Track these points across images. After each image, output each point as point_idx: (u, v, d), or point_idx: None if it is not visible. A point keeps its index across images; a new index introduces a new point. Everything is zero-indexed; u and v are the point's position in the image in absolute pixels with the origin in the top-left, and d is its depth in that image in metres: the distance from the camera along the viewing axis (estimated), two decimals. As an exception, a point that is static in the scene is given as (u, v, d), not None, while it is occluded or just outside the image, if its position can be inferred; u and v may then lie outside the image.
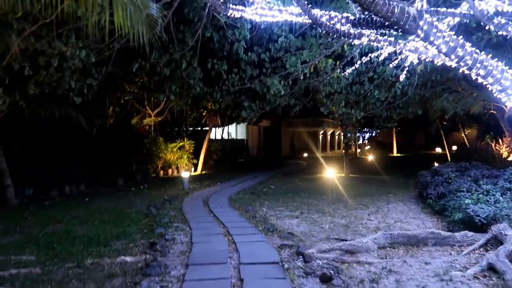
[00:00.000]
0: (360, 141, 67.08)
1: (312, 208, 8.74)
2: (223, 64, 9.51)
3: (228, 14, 4.77)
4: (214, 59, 9.50)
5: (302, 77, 9.71)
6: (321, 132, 39.43)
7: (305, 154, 30.15)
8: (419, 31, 3.00)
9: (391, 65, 9.17)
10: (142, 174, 15.72)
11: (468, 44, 3.12)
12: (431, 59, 4.16)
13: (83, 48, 6.81)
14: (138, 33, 4.55)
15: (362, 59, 8.73)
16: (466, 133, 53.86)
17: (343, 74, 9.61)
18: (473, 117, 18.85)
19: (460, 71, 3.43)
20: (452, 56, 3.08)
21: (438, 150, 38.18)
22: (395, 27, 3.01)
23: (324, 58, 9.26)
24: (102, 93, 13.68)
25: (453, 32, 3.18)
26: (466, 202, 6.53)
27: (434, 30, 3.01)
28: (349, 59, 8.73)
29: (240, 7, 4.73)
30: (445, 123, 24.98)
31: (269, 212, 8.34)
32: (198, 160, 18.37)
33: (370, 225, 7.15)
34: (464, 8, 4.05)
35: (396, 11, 2.86)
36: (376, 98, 11.44)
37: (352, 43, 7.61)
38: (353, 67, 9.30)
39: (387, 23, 3.04)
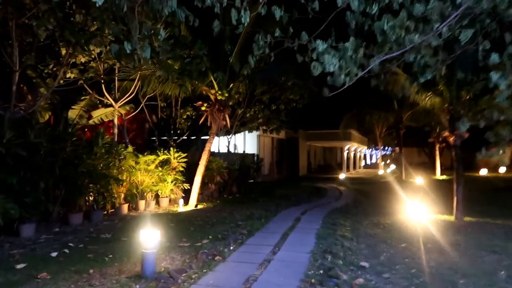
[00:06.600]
0: (372, 160, 59.90)
1: None
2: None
3: None
4: None
5: None
6: (346, 148, 32.17)
7: (342, 176, 22.76)
8: None
9: None
10: (86, 211, 8.43)
11: None
12: None
13: None
14: None
15: None
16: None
17: None
18: None
19: None
20: None
21: (483, 172, 31.34)
22: None
23: None
24: None
25: None
26: None
27: None
28: None
29: None
30: None
31: None
32: (191, 184, 11.06)
33: None
34: None
35: None
36: None
37: None
38: None
39: None
